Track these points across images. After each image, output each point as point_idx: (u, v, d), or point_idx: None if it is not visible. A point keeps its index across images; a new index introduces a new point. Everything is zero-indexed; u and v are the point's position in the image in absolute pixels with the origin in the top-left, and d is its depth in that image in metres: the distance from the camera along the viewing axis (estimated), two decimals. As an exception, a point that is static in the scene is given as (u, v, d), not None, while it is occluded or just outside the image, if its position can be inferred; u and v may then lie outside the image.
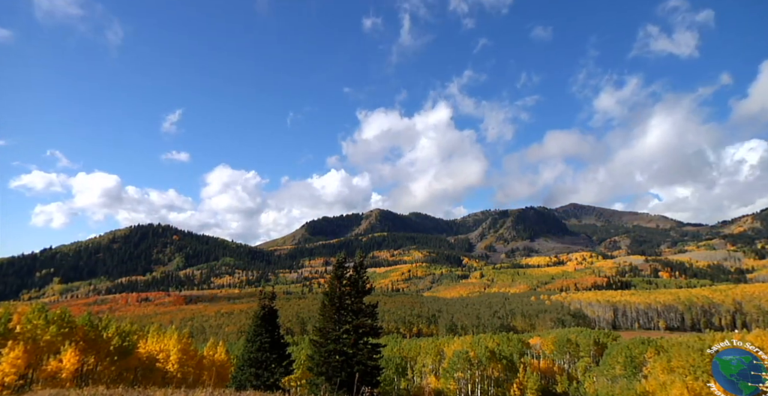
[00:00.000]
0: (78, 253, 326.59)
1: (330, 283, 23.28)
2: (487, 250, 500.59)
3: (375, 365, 21.83)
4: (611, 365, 52.60)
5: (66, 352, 26.93)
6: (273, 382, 22.74)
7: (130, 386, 21.55)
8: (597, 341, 76.45)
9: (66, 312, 28.89)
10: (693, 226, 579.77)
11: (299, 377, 38.06)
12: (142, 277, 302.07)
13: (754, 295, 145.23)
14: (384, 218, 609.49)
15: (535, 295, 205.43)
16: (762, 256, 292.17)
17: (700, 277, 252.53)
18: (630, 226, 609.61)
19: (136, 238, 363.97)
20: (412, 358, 68.78)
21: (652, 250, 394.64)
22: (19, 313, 27.24)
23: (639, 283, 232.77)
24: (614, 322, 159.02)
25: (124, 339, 31.29)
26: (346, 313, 22.51)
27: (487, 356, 57.95)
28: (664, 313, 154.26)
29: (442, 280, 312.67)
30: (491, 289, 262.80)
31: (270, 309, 24.88)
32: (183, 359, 34.52)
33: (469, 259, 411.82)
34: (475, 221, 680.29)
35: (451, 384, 54.02)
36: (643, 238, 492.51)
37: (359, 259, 23.95)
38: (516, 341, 76.40)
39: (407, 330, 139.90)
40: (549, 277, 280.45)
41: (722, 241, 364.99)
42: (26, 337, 25.53)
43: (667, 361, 39.60)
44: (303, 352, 43.47)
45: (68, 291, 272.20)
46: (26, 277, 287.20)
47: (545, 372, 67.65)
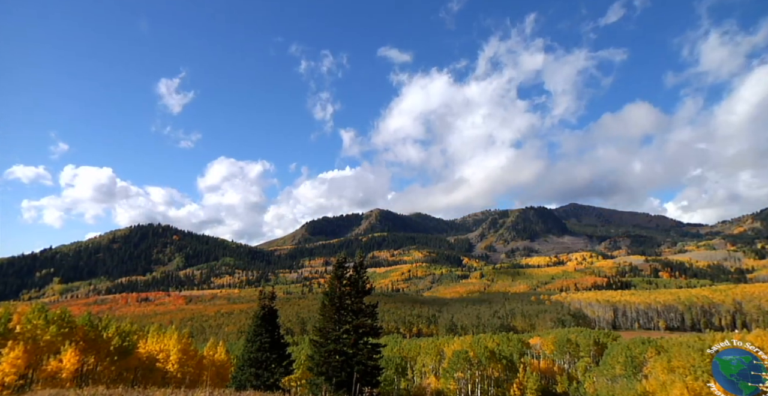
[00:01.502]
0: (78, 253, 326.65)
1: (330, 283, 23.28)
2: (487, 250, 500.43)
3: (375, 365, 21.83)
4: (611, 365, 52.54)
5: (66, 352, 26.93)
6: (273, 382, 22.75)
7: (130, 386, 21.57)
8: (597, 341, 76.38)
9: (66, 312, 28.91)
10: (693, 226, 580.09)
11: (299, 377, 38.08)
12: (142, 277, 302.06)
13: (754, 295, 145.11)
14: (384, 218, 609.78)
15: (535, 295, 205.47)
16: (762, 256, 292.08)
17: (700, 277, 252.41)
18: (630, 226, 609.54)
19: (136, 238, 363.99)
20: (412, 358, 68.77)
21: (652, 250, 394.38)
22: (19, 313, 27.25)
23: (639, 283, 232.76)
24: (614, 322, 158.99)
25: (124, 339, 31.30)
26: (346, 313, 22.50)
27: (487, 356, 57.94)
28: (664, 313, 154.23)
29: (442, 280, 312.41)
30: (491, 289, 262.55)
31: (270, 309, 24.90)
32: (183, 359, 34.52)
33: (469, 259, 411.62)
34: (475, 221, 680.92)
35: (451, 384, 54.01)
36: (643, 238, 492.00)
37: (359, 259, 23.95)
38: (516, 341, 76.36)
39: (407, 330, 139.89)
40: (549, 277, 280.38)
41: (722, 241, 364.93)
42: (26, 337, 25.53)
43: (667, 361, 39.58)
44: (303, 352, 43.49)
45: (68, 291, 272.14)
46: (26, 277, 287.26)
47: (545, 372, 67.59)
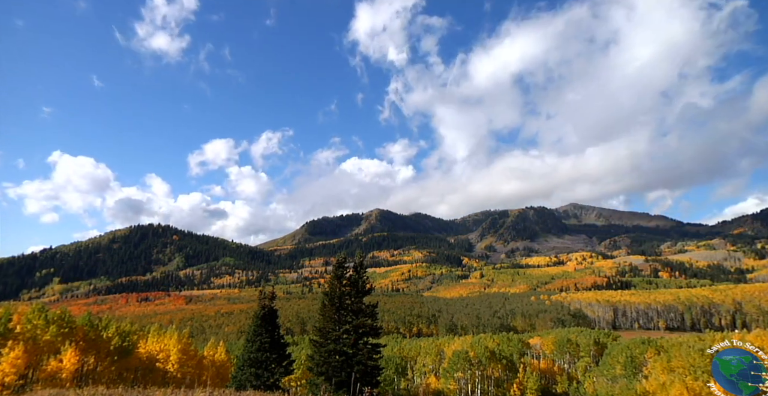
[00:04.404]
0: (78, 253, 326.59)
1: (330, 283, 23.27)
2: (487, 250, 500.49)
3: (375, 365, 21.82)
4: (611, 365, 52.51)
5: (66, 352, 26.93)
6: (273, 382, 22.75)
7: (130, 386, 21.56)
8: (597, 341, 76.40)
9: (66, 312, 28.93)
10: (693, 226, 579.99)
11: (299, 377, 38.13)
12: (142, 277, 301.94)
13: (754, 295, 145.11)
14: (384, 218, 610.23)
15: (535, 295, 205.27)
16: (762, 256, 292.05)
17: (700, 277, 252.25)
18: (630, 226, 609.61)
19: (136, 238, 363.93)
20: (412, 358, 68.80)
21: (652, 250, 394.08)
22: (19, 313, 27.26)
23: (639, 283, 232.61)
24: (614, 322, 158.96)
25: (124, 339, 31.30)
26: (346, 313, 22.49)
27: (487, 356, 57.95)
28: (664, 313, 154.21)
29: (442, 280, 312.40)
30: (491, 289, 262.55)
31: (270, 309, 24.88)
32: (183, 359, 34.53)
33: (469, 259, 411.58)
34: (474, 221, 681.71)
35: (451, 384, 54.03)
36: (643, 238, 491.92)
37: (359, 259, 23.93)
38: (516, 341, 76.33)
39: (407, 330, 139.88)
40: (549, 277, 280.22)
41: (722, 241, 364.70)
42: (26, 337, 25.54)
43: (667, 361, 39.51)
44: (303, 352, 43.49)
45: (68, 291, 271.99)
46: (26, 277, 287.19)
47: (545, 372, 67.57)
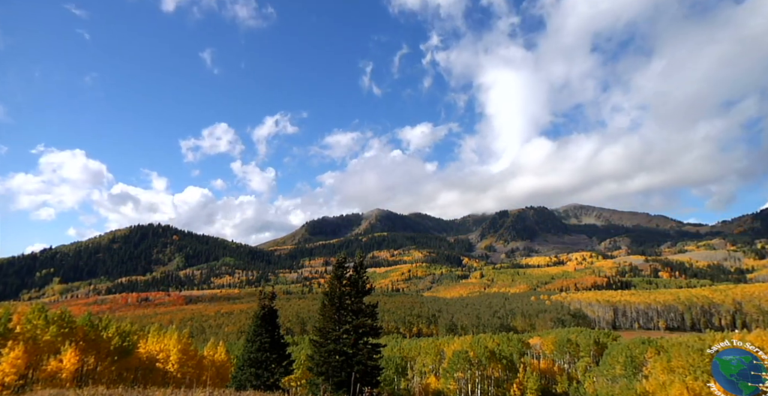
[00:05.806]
0: (78, 253, 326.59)
1: (330, 283, 23.25)
2: (487, 250, 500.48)
3: (375, 365, 21.81)
4: (611, 365, 52.51)
5: (66, 352, 26.93)
6: (273, 382, 22.74)
7: (130, 386, 21.55)
8: (597, 341, 76.37)
9: (66, 312, 28.93)
10: (693, 226, 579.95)
11: (299, 377, 38.13)
12: (142, 277, 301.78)
13: (754, 295, 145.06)
14: (384, 218, 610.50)
15: (535, 295, 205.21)
16: (762, 256, 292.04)
17: (700, 277, 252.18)
18: (630, 226, 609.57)
19: (136, 238, 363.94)
20: (412, 358, 68.78)
21: (652, 250, 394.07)
22: (19, 313, 27.28)
23: (639, 283, 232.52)
24: (614, 322, 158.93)
25: (124, 339, 31.30)
26: (346, 313, 22.48)
27: (487, 356, 57.95)
28: (664, 313, 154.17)
29: (442, 280, 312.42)
30: (491, 289, 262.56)
31: (270, 309, 24.87)
32: (183, 359, 34.52)
33: (469, 259, 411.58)
34: (474, 221, 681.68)
35: (451, 384, 54.03)
36: (643, 238, 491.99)
37: (359, 259, 23.91)
38: (516, 341, 76.35)
39: (407, 330, 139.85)
40: (549, 277, 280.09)
41: (722, 241, 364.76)
42: (26, 337, 25.55)
43: (667, 361, 39.52)
44: (303, 352, 43.46)
45: (68, 291, 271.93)
46: (26, 277, 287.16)
47: (545, 372, 67.58)
